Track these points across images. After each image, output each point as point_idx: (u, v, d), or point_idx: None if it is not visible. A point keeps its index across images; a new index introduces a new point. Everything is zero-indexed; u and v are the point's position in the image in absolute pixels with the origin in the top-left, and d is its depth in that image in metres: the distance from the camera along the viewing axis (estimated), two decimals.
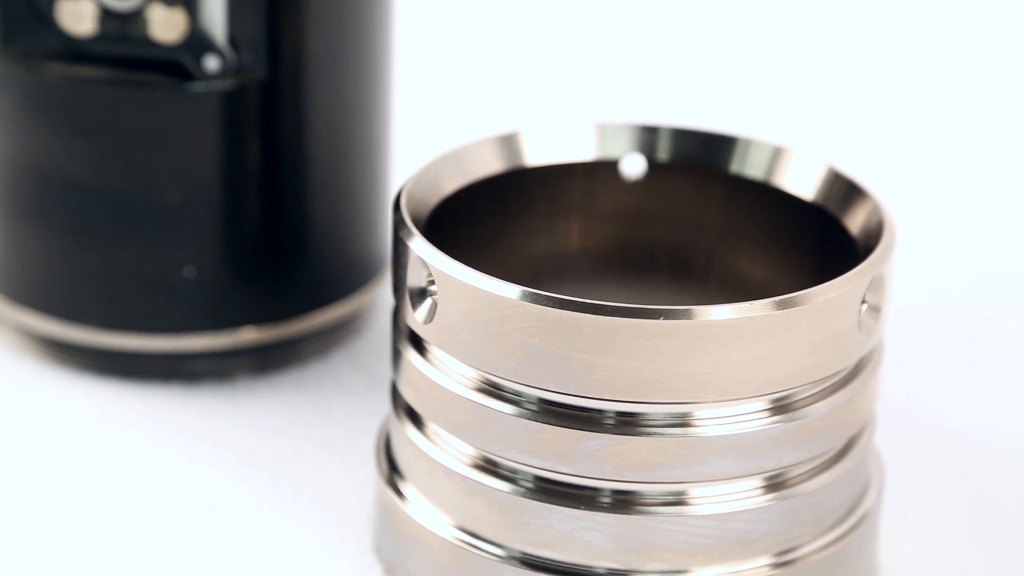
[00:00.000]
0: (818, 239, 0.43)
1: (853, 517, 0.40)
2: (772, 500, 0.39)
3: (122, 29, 0.45)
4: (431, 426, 0.40)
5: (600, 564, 0.38)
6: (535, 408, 0.38)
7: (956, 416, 0.49)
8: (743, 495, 0.39)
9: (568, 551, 0.38)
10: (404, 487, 0.41)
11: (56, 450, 0.46)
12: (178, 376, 0.49)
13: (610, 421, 0.38)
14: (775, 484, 0.39)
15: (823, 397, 0.39)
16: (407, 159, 0.53)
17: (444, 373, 0.39)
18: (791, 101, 0.67)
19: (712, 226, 0.45)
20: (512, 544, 0.39)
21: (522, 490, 0.39)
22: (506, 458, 0.38)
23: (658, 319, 0.36)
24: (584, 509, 0.38)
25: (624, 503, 0.38)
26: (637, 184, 0.45)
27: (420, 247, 0.39)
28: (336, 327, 0.50)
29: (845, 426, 0.39)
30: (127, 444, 0.46)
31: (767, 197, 0.43)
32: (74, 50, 0.45)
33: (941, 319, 0.53)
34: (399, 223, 0.39)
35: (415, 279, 0.39)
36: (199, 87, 0.45)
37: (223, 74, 0.45)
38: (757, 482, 0.39)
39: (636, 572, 0.38)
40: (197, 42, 0.45)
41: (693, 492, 0.38)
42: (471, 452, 0.39)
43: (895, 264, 0.40)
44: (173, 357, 0.48)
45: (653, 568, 0.38)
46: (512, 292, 0.37)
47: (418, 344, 0.40)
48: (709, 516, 0.38)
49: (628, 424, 0.38)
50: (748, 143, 0.43)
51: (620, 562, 0.38)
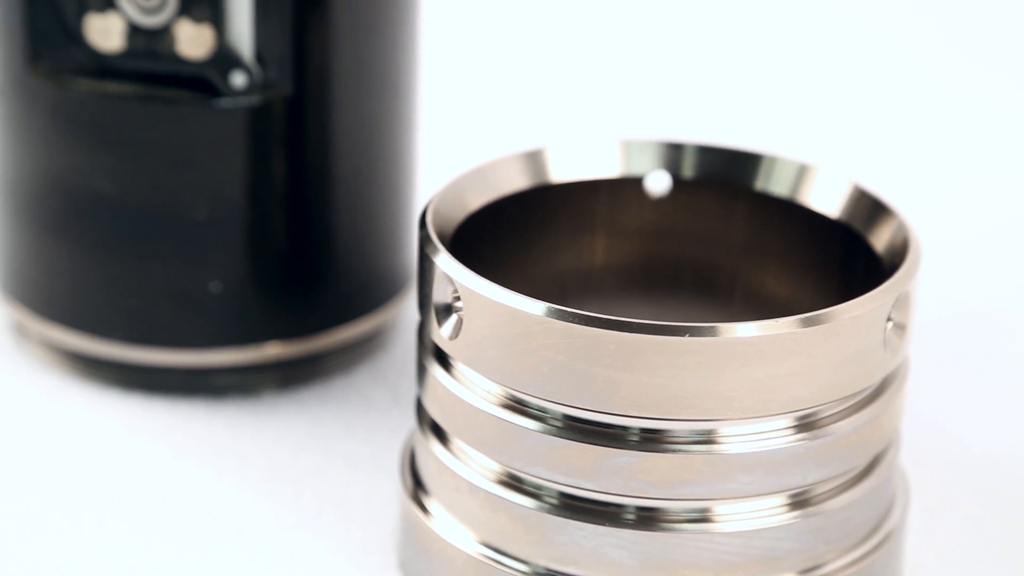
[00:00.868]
0: (843, 256, 0.43)
1: (878, 535, 0.40)
2: (797, 518, 0.39)
3: (150, 45, 0.45)
4: (456, 442, 0.40)
5: None
6: (560, 424, 0.38)
7: (980, 433, 0.48)
8: (768, 512, 0.39)
9: (593, 567, 0.38)
10: (429, 503, 0.41)
11: (82, 464, 0.46)
12: (203, 391, 0.49)
13: (635, 438, 0.38)
14: (800, 502, 0.39)
15: (848, 415, 0.39)
16: (432, 175, 0.53)
17: (469, 389, 0.39)
18: (816, 118, 0.67)
19: (737, 243, 0.45)
20: (536, 560, 0.39)
21: (547, 506, 0.39)
22: (531, 474, 0.39)
23: (683, 336, 0.36)
24: (609, 526, 0.38)
25: (649, 520, 0.38)
26: (662, 201, 0.45)
27: (446, 263, 0.39)
28: (360, 343, 0.50)
29: (870, 444, 0.39)
30: (152, 458, 0.46)
31: (792, 214, 0.43)
32: (102, 66, 0.46)
33: (965, 334, 0.53)
34: (425, 239, 0.40)
35: (441, 295, 0.39)
36: (226, 103, 0.46)
37: (250, 90, 0.46)
38: (782, 499, 0.39)
39: None
40: (224, 58, 0.45)
41: (718, 509, 0.38)
42: (496, 468, 0.39)
43: (921, 282, 0.40)
44: (198, 372, 0.48)
45: None
46: (538, 308, 0.37)
47: (443, 360, 0.40)
48: (734, 533, 0.38)
49: (653, 441, 0.38)
50: (773, 160, 0.43)
51: None
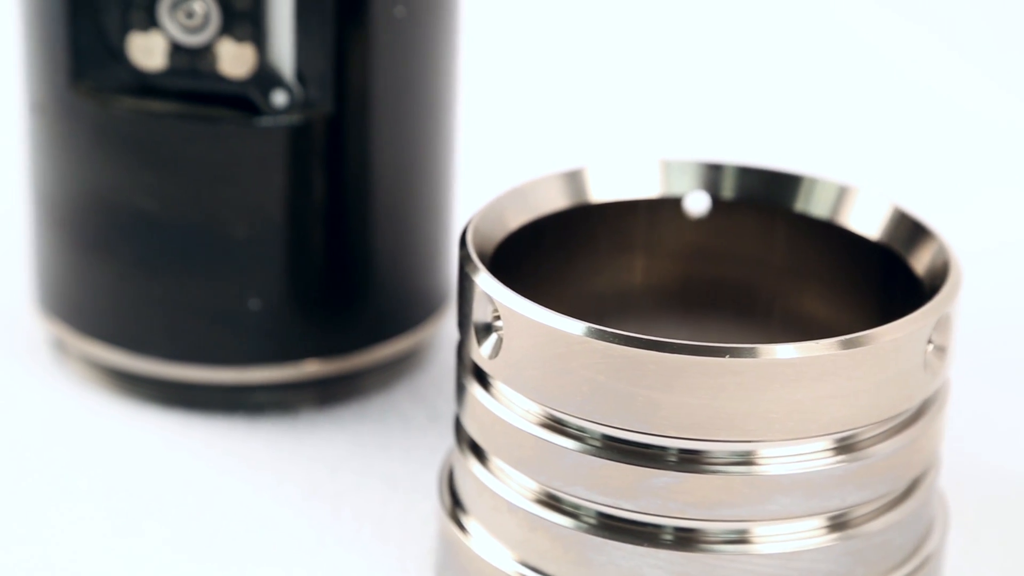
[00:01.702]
0: (882, 278, 0.43)
1: (917, 558, 0.40)
2: (835, 540, 0.39)
3: (191, 64, 0.45)
4: (495, 461, 0.40)
5: None
6: (599, 444, 0.38)
7: (1020, 457, 0.48)
8: (806, 534, 0.38)
9: None
10: (467, 521, 0.41)
11: (120, 480, 0.46)
12: (242, 408, 0.49)
13: (674, 458, 0.38)
14: (839, 524, 0.39)
15: (888, 437, 0.39)
16: (471, 194, 0.53)
17: (508, 408, 0.39)
18: (856, 139, 0.67)
19: (776, 264, 0.45)
20: None
21: (585, 526, 0.39)
22: (569, 494, 0.39)
23: (723, 357, 0.36)
24: (647, 546, 0.38)
25: (687, 540, 0.38)
26: (701, 221, 0.45)
27: (486, 282, 0.39)
28: (398, 361, 0.51)
29: (909, 466, 0.39)
30: (191, 475, 0.46)
31: (832, 236, 0.43)
32: (144, 84, 0.46)
33: (1005, 354, 0.53)
34: (465, 258, 0.40)
35: (481, 314, 0.39)
36: (266, 122, 0.46)
37: (290, 109, 0.46)
38: (820, 521, 0.39)
39: None
40: (265, 77, 0.45)
41: (756, 531, 0.38)
42: (534, 487, 0.39)
43: (961, 305, 0.40)
44: (237, 389, 0.49)
45: None
46: (578, 328, 0.37)
47: (482, 379, 0.40)
48: (772, 555, 0.38)
49: (692, 462, 0.38)
50: (813, 182, 0.43)
51: None
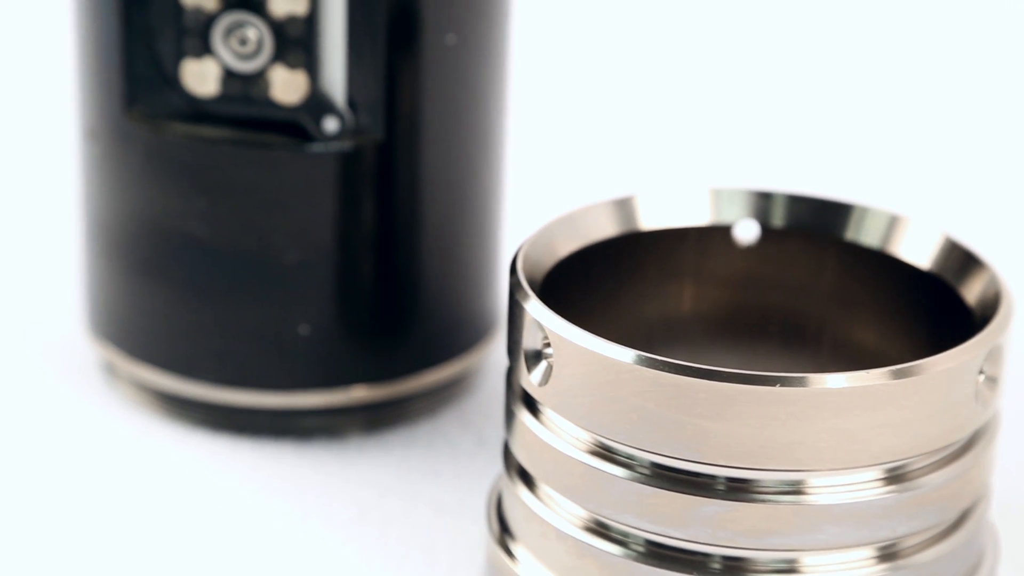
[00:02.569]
0: (933, 308, 0.42)
1: None
2: (885, 570, 0.38)
3: (244, 90, 0.46)
4: (543, 488, 0.40)
5: None
6: (648, 472, 0.38)
7: None
8: (856, 564, 0.38)
9: None
10: (515, 548, 0.41)
11: (169, 504, 0.46)
12: (290, 433, 0.49)
13: (723, 487, 0.38)
14: (888, 554, 0.39)
15: (938, 467, 0.38)
16: (519, 220, 0.53)
17: (557, 435, 0.39)
18: (908, 168, 0.66)
19: (825, 293, 0.45)
20: None
21: (633, 554, 0.39)
22: (618, 521, 0.39)
23: (774, 386, 0.36)
24: (696, 574, 0.38)
25: (736, 569, 0.38)
26: (750, 249, 0.45)
27: (536, 310, 0.39)
28: (446, 386, 0.51)
29: (960, 497, 0.39)
30: (239, 499, 0.47)
31: (882, 265, 0.43)
32: (197, 110, 0.46)
33: None
34: (515, 285, 0.40)
35: (531, 341, 0.39)
36: (318, 148, 0.46)
37: (341, 135, 0.46)
38: (870, 552, 0.38)
39: None
40: (317, 104, 0.46)
41: (805, 560, 0.38)
42: (583, 515, 0.39)
43: (1013, 335, 0.40)
44: (285, 414, 0.49)
45: None
46: (628, 356, 0.37)
47: (532, 406, 0.40)
48: None
49: (741, 490, 0.38)
50: (864, 211, 0.43)
51: None
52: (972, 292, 0.41)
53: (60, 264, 0.56)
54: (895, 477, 0.38)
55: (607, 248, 0.43)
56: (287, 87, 0.45)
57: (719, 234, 0.44)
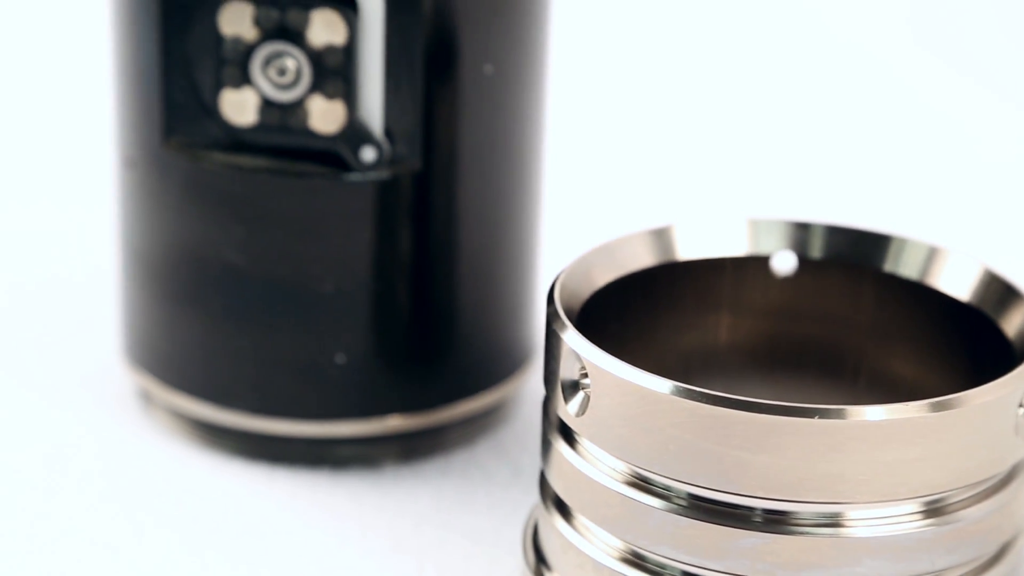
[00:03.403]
0: (972, 340, 0.42)
1: None
2: None
3: (282, 120, 0.46)
4: (580, 518, 0.40)
5: None
6: (685, 504, 0.38)
7: None
8: None
9: None
10: None
11: (205, 532, 0.46)
12: (326, 462, 0.49)
13: (760, 519, 0.37)
14: None
15: (978, 501, 0.38)
16: (556, 250, 0.53)
17: (594, 466, 0.39)
18: (947, 200, 0.66)
19: (863, 324, 0.44)
20: None
21: None
22: (655, 553, 0.38)
23: (812, 418, 0.36)
24: None
25: None
26: (788, 280, 0.44)
27: (574, 340, 0.39)
28: (482, 416, 0.51)
29: (1000, 531, 0.39)
30: (275, 528, 0.47)
31: (920, 297, 0.43)
32: (235, 140, 0.46)
33: None
34: (553, 315, 0.40)
35: (568, 371, 0.39)
36: (355, 177, 0.46)
37: (378, 165, 0.46)
38: None
39: None
40: (355, 133, 0.46)
41: None
42: (620, 546, 0.39)
43: None
44: (321, 442, 0.49)
45: None
46: (666, 387, 0.37)
47: (568, 436, 0.40)
48: None
49: (779, 523, 0.37)
50: (903, 242, 0.43)
51: None
52: (1012, 324, 0.41)
53: (97, 292, 0.57)
54: (934, 510, 0.38)
55: (644, 278, 0.43)
56: (325, 117, 0.46)
57: (756, 265, 0.44)
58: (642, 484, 0.38)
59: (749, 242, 0.44)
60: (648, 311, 0.44)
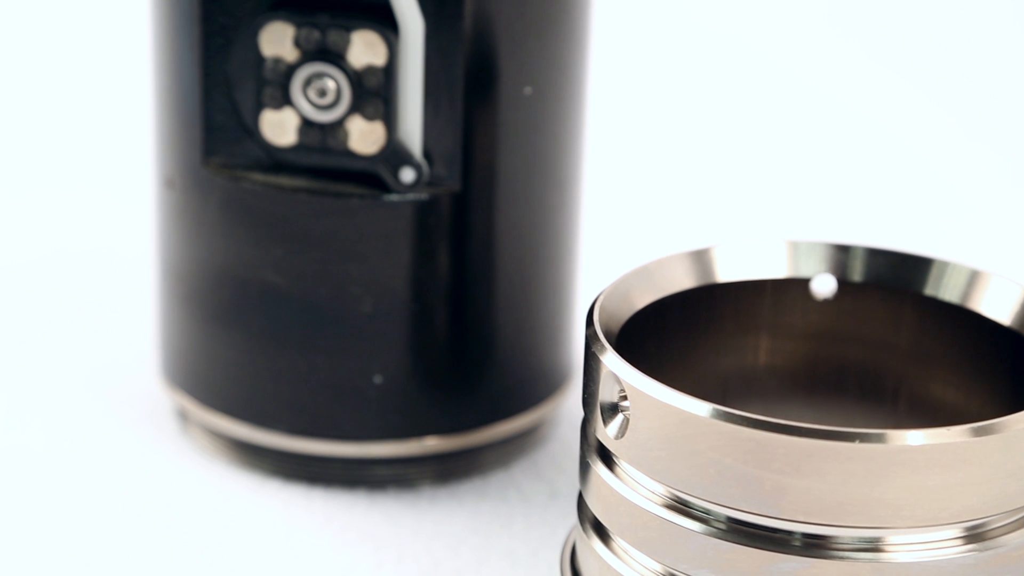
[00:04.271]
0: (1013, 364, 0.42)
1: None
2: None
3: (322, 140, 0.46)
4: (618, 541, 0.40)
5: None
6: (724, 527, 0.38)
7: None
8: None
9: None
10: None
11: (242, 552, 0.46)
12: (363, 482, 0.49)
13: (800, 543, 0.37)
14: None
15: (1019, 526, 0.38)
16: (594, 271, 0.53)
17: (633, 488, 0.39)
18: (989, 222, 0.66)
19: (903, 348, 0.44)
20: None
21: None
22: None
23: (853, 442, 0.36)
24: None
25: None
26: (828, 303, 0.44)
27: (613, 362, 0.39)
28: (519, 437, 0.51)
29: None
30: (312, 549, 0.46)
31: (961, 320, 0.43)
32: (275, 160, 0.46)
33: None
34: (592, 337, 0.40)
35: (607, 394, 0.39)
36: (394, 198, 0.46)
37: (417, 186, 0.46)
38: None
39: None
40: (394, 154, 0.46)
41: None
42: (658, 569, 0.39)
43: None
44: (358, 463, 0.49)
45: None
46: (706, 410, 0.37)
47: (607, 458, 0.40)
48: None
49: (819, 547, 0.37)
50: (944, 265, 0.43)
51: None
52: None
53: (136, 312, 0.57)
54: (975, 536, 0.38)
55: (683, 300, 0.43)
56: (364, 138, 0.46)
57: (796, 287, 0.44)
58: (681, 507, 0.38)
59: (789, 264, 0.44)
60: (687, 333, 0.44)
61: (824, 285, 0.44)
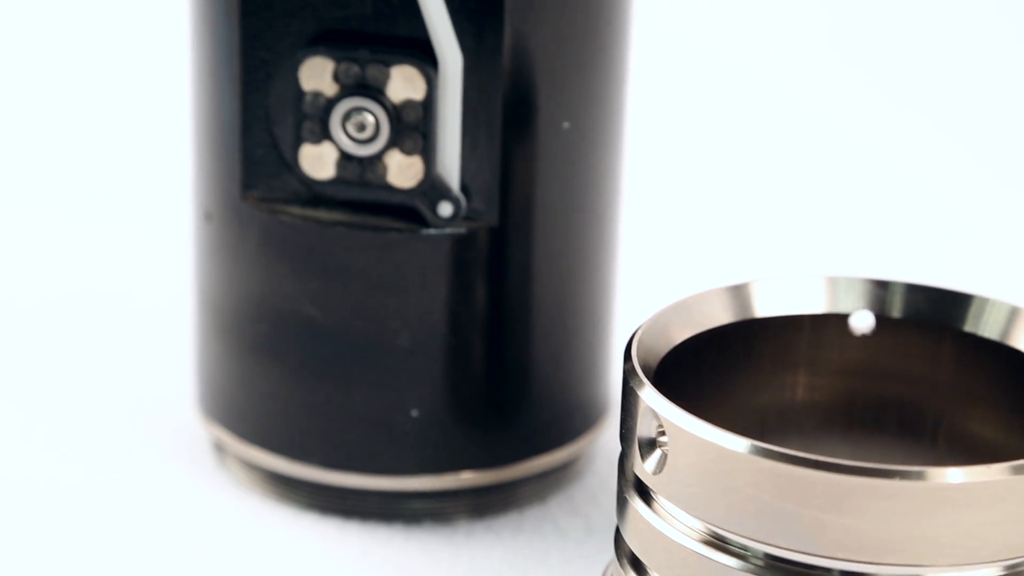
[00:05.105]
0: None
1: None
2: None
3: (360, 174, 0.46)
4: None
5: None
6: (762, 564, 0.38)
7: None
8: None
9: None
10: None
11: None
12: (398, 516, 0.49)
13: None
14: None
15: None
16: (631, 306, 0.53)
17: (670, 524, 0.39)
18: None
19: (942, 385, 0.44)
20: None
21: None
22: None
23: (893, 479, 0.36)
24: None
25: None
26: (866, 339, 0.44)
27: (651, 397, 0.39)
28: (555, 471, 0.50)
29: None
30: None
31: (1001, 357, 0.42)
32: (313, 194, 0.47)
33: None
34: (630, 372, 0.40)
35: (645, 429, 0.39)
36: (432, 232, 0.46)
37: (455, 220, 0.46)
38: None
39: None
40: (432, 189, 0.46)
41: None
42: None
43: None
44: (394, 497, 0.49)
45: None
46: (744, 447, 0.37)
47: (645, 493, 0.40)
48: None
49: None
50: (984, 301, 0.43)
51: None
52: None
53: (172, 344, 0.57)
54: (1015, 574, 0.37)
55: (721, 335, 0.43)
56: (403, 172, 0.46)
57: (835, 323, 0.44)
58: (719, 543, 0.38)
59: (827, 300, 0.44)
60: (725, 368, 0.44)
61: (863, 321, 0.44)
